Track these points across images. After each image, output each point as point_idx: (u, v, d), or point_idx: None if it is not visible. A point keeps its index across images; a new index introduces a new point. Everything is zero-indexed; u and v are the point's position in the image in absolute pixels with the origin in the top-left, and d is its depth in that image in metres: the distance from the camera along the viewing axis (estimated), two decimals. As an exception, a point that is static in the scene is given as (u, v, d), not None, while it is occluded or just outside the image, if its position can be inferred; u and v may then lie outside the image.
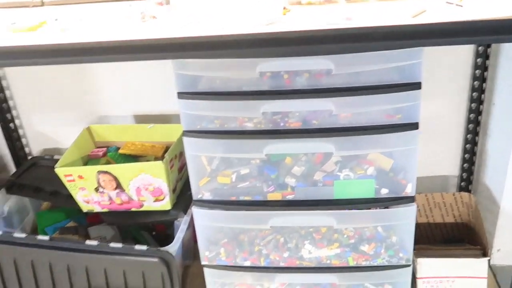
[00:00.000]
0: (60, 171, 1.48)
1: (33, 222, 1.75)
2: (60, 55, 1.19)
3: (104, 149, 1.66)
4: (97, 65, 1.71)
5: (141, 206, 1.52)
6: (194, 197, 1.34)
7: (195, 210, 1.34)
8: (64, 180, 1.50)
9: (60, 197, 1.62)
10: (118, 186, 1.48)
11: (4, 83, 1.74)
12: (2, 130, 1.80)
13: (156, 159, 1.58)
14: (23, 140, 1.86)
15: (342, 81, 1.17)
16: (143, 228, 1.67)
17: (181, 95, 1.21)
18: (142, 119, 1.80)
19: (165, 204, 1.51)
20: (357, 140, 1.23)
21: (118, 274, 1.41)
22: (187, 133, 1.26)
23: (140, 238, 1.63)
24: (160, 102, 1.75)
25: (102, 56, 1.17)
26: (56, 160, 1.73)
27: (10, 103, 1.78)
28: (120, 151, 1.63)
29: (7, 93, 1.76)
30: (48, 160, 1.75)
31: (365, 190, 1.29)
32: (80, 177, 1.49)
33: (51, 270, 1.44)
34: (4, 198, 1.62)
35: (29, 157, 1.87)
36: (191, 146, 1.28)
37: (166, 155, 1.45)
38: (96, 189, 1.50)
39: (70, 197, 1.57)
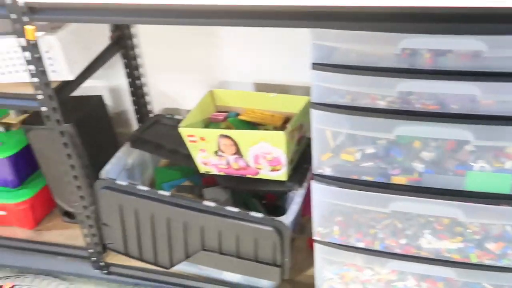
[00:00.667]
0: (183, 131, 1.52)
1: (151, 177, 1.83)
2: (190, 16, 1.20)
3: (225, 113, 1.68)
4: (225, 30, 1.73)
5: (257, 173, 1.53)
6: (315, 171, 1.32)
7: (314, 185, 1.31)
8: (186, 140, 1.54)
9: (179, 156, 1.67)
10: (237, 151, 1.50)
11: (135, 41, 1.80)
12: (130, 86, 1.88)
13: (275, 128, 1.58)
14: (147, 98, 1.93)
15: (492, 65, 1.08)
16: (254, 196, 1.69)
17: (316, 66, 1.18)
18: (261, 87, 1.80)
19: (281, 174, 1.50)
20: (499, 130, 1.14)
21: (231, 238, 1.43)
22: (316, 105, 1.23)
23: (250, 205, 1.65)
24: (280, 72, 1.74)
25: (234, 20, 1.17)
26: (177, 120, 1.80)
27: (139, 61, 1.85)
28: (240, 117, 1.64)
29: (137, 51, 1.83)
30: (169, 119, 1.81)
31: (500, 185, 1.19)
32: (202, 138, 1.52)
33: (168, 225, 1.49)
34: (128, 151, 1.70)
35: (151, 115, 1.94)
36: (318, 119, 1.25)
37: (289, 126, 1.44)
38: (216, 152, 1.53)
39: (188, 156, 1.62)
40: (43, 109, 1.42)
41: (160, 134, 1.75)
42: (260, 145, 1.46)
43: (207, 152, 1.54)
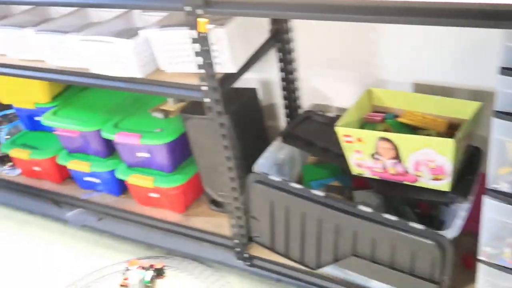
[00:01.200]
0: (340, 130, 1.47)
1: (298, 173, 1.80)
2: (349, 12, 1.14)
3: (382, 114, 1.60)
4: (386, 26, 1.64)
5: (416, 181, 1.43)
6: (489, 185, 1.20)
7: (487, 200, 1.20)
8: (342, 139, 1.49)
9: (330, 155, 1.62)
10: (396, 156, 1.41)
11: (291, 36, 1.78)
12: (281, 80, 1.86)
13: (438, 134, 1.47)
14: (297, 93, 1.90)
15: None
16: (406, 203, 1.59)
17: (506, 71, 1.06)
18: (420, 88, 1.69)
19: (444, 184, 1.39)
20: None
21: (386, 247, 1.36)
22: (499, 114, 1.11)
23: (402, 213, 1.56)
24: (444, 73, 1.61)
25: (404, 18, 1.09)
26: (328, 117, 1.76)
27: (293, 55, 1.83)
28: (400, 119, 1.55)
29: (292, 45, 1.81)
30: (320, 116, 1.77)
31: None
32: (359, 139, 1.45)
33: (319, 225, 1.46)
34: (280, 146, 1.69)
35: (300, 110, 1.92)
36: (500, 129, 1.13)
37: (458, 133, 1.33)
38: (372, 155, 1.46)
39: (340, 156, 1.56)
40: (206, 100, 1.45)
41: (311, 131, 1.72)
42: (424, 152, 1.36)
43: (363, 153, 1.48)
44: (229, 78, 1.48)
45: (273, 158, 1.66)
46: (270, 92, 1.97)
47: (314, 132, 1.71)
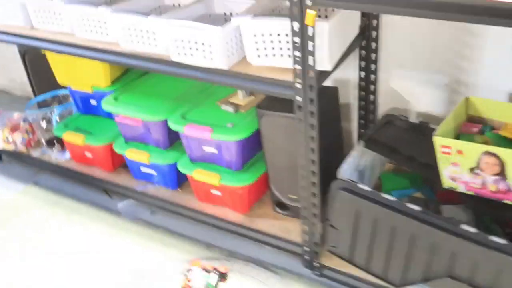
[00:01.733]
0: (439, 140, 1.36)
1: (376, 181, 1.69)
2: (445, 10, 1.03)
3: (478, 125, 1.48)
4: (485, 28, 1.52)
5: (519, 200, 1.32)
6: None
7: None
8: (438, 149, 1.37)
9: (416, 164, 1.52)
10: (501, 172, 1.30)
11: (377, 33, 1.67)
12: (360, 80, 1.75)
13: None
14: (376, 94, 1.79)
15: None
16: (496, 221, 1.48)
17: None
18: (516, 99, 1.57)
19: (554, 207, 1.28)
20: None
21: (489, 272, 1.25)
22: None
23: (493, 232, 1.45)
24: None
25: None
26: (411, 123, 1.65)
27: (377, 54, 1.71)
28: (500, 132, 1.44)
29: (377, 43, 1.69)
30: (403, 121, 1.66)
31: None
32: (459, 152, 1.34)
33: (411, 242, 1.35)
34: (362, 151, 1.58)
35: (378, 113, 1.80)
36: None
37: None
38: (472, 169, 1.34)
39: (427, 166, 1.47)
40: (298, 98, 1.34)
41: (394, 137, 1.61)
42: (536, 170, 1.25)
43: (461, 167, 1.36)
44: (323, 76, 1.37)
45: (355, 164, 1.55)
46: (346, 91, 1.86)
47: (398, 139, 1.61)
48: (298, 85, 1.33)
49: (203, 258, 1.75)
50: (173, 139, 1.86)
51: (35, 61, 2.24)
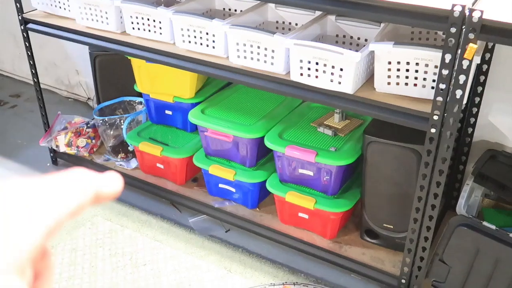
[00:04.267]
0: None
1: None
2: None
3: None
4: None
5: None
6: None
7: None
8: None
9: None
10: None
11: (484, 67, 1.64)
12: (464, 112, 1.72)
13: None
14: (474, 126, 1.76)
15: None
16: None
17: None
18: None
19: None
20: None
21: None
22: None
23: None
24: None
25: None
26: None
27: (479, 88, 1.68)
28: None
29: (481, 78, 1.66)
30: (506, 157, 1.64)
31: None
32: None
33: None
34: (472, 187, 1.55)
35: (470, 146, 1.78)
36: None
37: None
38: None
39: None
40: (432, 130, 1.31)
41: (501, 173, 1.58)
42: None
43: None
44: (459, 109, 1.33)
45: (467, 199, 1.52)
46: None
47: (505, 174, 1.58)
48: (435, 117, 1.29)
49: (290, 283, 1.70)
50: (259, 157, 1.81)
51: (105, 66, 2.18)
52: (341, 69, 1.35)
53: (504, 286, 1.38)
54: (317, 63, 1.38)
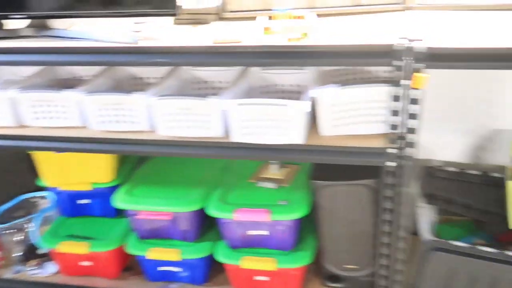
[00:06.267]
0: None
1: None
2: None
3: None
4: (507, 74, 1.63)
5: None
6: None
7: None
8: (511, 195, 1.41)
9: (473, 211, 1.56)
10: None
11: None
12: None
13: None
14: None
15: None
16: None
17: None
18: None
19: None
20: None
21: None
22: None
23: None
24: None
25: None
26: (452, 172, 1.68)
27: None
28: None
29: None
30: (442, 171, 1.69)
31: None
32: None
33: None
34: (424, 208, 1.56)
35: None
36: None
37: None
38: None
39: (485, 212, 1.50)
40: (389, 164, 1.29)
41: (444, 188, 1.63)
42: None
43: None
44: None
45: (427, 221, 1.52)
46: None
47: (448, 188, 1.63)
48: (391, 150, 1.28)
49: None
50: (202, 228, 1.67)
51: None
52: (289, 121, 1.29)
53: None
54: (261, 120, 1.30)
